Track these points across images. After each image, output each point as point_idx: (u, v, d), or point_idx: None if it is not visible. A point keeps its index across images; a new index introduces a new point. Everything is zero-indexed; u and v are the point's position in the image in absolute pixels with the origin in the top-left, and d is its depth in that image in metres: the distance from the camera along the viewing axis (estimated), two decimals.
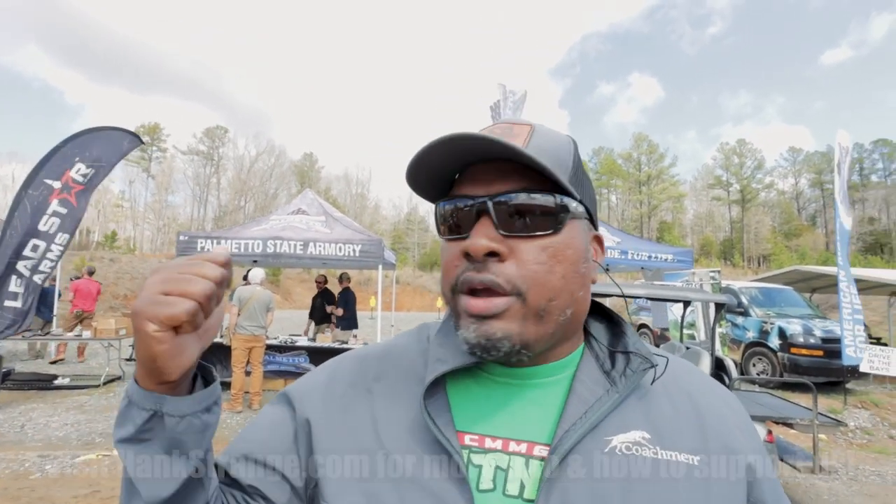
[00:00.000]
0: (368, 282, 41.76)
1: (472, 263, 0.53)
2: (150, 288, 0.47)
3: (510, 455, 0.54)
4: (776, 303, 10.38)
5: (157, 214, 59.13)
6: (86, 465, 4.40)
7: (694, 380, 0.63)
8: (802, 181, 66.82)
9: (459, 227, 0.55)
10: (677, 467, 0.53)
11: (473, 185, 0.55)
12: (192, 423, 0.51)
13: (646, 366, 0.57)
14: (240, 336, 6.43)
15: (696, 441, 0.56)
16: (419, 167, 0.55)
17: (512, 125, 0.58)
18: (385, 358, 0.66)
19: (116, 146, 6.69)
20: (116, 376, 8.10)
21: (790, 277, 13.21)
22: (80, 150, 6.27)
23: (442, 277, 0.58)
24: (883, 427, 6.94)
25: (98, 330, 7.93)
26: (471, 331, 0.52)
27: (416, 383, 0.59)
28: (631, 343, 0.61)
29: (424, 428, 0.55)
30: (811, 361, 8.58)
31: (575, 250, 0.55)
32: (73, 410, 6.23)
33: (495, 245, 0.51)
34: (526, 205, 0.53)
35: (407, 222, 69.51)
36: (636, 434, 0.54)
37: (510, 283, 0.51)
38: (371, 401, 0.60)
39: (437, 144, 0.52)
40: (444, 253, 0.58)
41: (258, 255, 7.16)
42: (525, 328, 0.52)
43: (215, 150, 64.24)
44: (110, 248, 36.86)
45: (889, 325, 13.28)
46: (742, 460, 0.56)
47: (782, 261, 41.78)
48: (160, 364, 0.47)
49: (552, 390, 0.58)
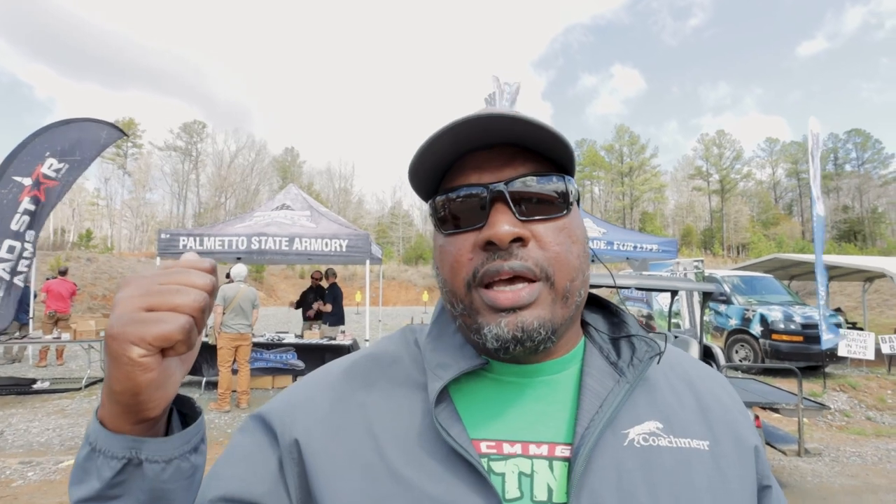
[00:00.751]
0: (353, 277, 41.53)
1: (494, 253, 0.50)
2: (127, 304, 0.40)
3: (532, 459, 0.51)
4: (757, 290, 10.60)
5: (134, 212, 57.83)
6: (69, 471, 4.28)
7: (689, 365, 0.63)
8: (779, 171, 68.21)
9: (468, 219, 0.53)
10: (693, 454, 0.53)
11: (479, 172, 0.53)
12: (181, 467, 0.45)
13: (651, 353, 0.56)
14: (226, 335, 6.34)
15: (701, 427, 0.55)
16: (424, 158, 0.53)
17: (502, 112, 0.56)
18: (373, 367, 0.60)
19: (93, 139, 6.45)
20: (98, 378, 7.92)
21: (770, 265, 13.50)
22: (51, 143, 6.03)
23: (447, 274, 0.54)
24: (860, 409, 7.15)
25: (78, 332, 7.75)
26: (502, 325, 0.50)
27: (415, 392, 0.56)
28: (633, 330, 0.60)
29: (436, 440, 0.51)
30: (791, 347, 8.79)
31: (582, 230, 0.57)
32: (55, 415, 6.08)
33: (519, 230, 0.50)
34: (540, 188, 0.53)
35: (391, 216, 69.16)
36: (650, 424, 0.53)
37: (539, 267, 0.50)
38: (365, 415, 0.55)
39: (444, 132, 0.50)
40: (448, 248, 0.55)
41: (242, 252, 7.04)
42: (554, 312, 0.51)
43: (193, 145, 63.00)
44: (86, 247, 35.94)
45: (864, 310, 13.67)
46: (749, 443, 0.57)
47: (760, 249, 42.61)
48: (143, 398, 0.40)
49: (562, 386, 0.56)
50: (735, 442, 0.56)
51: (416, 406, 0.55)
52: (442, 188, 0.56)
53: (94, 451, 0.42)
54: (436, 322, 0.62)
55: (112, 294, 24.54)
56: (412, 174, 0.55)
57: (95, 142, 6.45)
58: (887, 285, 18.49)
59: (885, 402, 7.28)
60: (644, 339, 0.58)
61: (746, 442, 0.57)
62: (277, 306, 34.19)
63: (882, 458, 5.12)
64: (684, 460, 0.52)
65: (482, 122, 0.50)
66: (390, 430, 0.53)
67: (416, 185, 0.58)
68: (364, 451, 0.52)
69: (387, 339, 0.66)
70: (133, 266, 29.54)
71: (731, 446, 0.55)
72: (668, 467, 0.51)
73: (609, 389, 0.54)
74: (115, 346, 0.39)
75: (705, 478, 0.51)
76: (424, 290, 38.47)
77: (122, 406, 0.41)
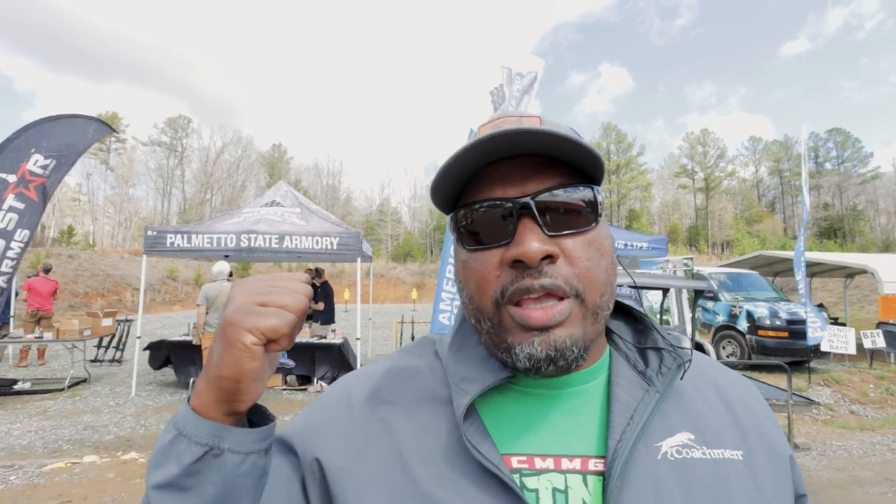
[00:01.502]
0: (341, 274, 41.30)
1: (523, 271, 0.49)
2: (244, 298, 0.45)
3: (566, 473, 0.50)
4: (743, 287, 10.75)
5: (117, 208, 56.79)
6: (54, 474, 4.19)
7: (718, 372, 0.62)
8: (762, 169, 69.33)
9: (493, 234, 0.51)
10: (728, 465, 0.51)
11: (503, 185, 0.51)
12: (256, 464, 0.46)
13: (680, 361, 0.55)
14: (210, 334, 6.26)
15: (734, 436, 0.54)
16: (449, 173, 0.52)
17: (520, 118, 0.54)
18: (394, 382, 0.58)
19: (80, 135, 6.28)
20: (82, 379, 7.76)
21: (755, 262, 13.71)
22: (37, 140, 5.87)
23: (473, 291, 0.53)
24: (844, 403, 7.29)
25: (61, 331, 7.57)
26: (535, 345, 0.48)
27: (439, 407, 0.54)
28: (660, 339, 0.58)
29: (465, 457, 0.49)
30: (777, 342, 8.93)
31: (610, 241, 0.55)
32: (37, 416, 5.94)
33: (549, 247, 0.49)
34: (568, 200, 0.51)
35: (379, 214, 68.89)
36: (682, 436, 0.52)
37: (568, 284, 0.49)
38: (389, 433, 0.53)
39: (473, 147, 0.49)
40: (472, 264, 0.53)
41: (231, 249, 6.93)
42: (585, 329, 0.50)
43: (178, 140, 62.06)
44: (67, 244, 35.23)
45: (845, 305, 13.94)
46: (784, 453, 0.56)
47: (744, 246, 43.28)
48: (243, 386, 0.44)
49: (589, 398, 0.55)
50: (769, 452, 0.55)
51: (442, 421, 0.53)
52: (463, 201, 0.54)
53: (180, 435, 0.44)
54: (457, 333, 0.60)
55: (96, 291, 24.08)
56: (435, 190, 0.54)
57: (83, 138, 6.28)
58: (867, 281, 18.87)
59: (868, 395, 7.43)
60: (670, 346, 0.57)
61: (781, 452, 0.56)
62: None
63: (867, 452, 5.22)
64: (720, 472, 0.50)
65: (513, 136, 0.48)
66: (416, 448, 0.52)
67: (440, 200, 0.56)
68: (389, 470, 0.51)
69: (405, 352, 0.64)
70: (116, 263, 29.02)
71: (766, 456, 0.54)
72: (704, 480, 0.49)
73: (639, 399, 0.53)
74: (232, 332, 0.43)
75: (742, 490, 0.50)
76: (413, 287, 38.38)
77: (222, 393, 0.44)
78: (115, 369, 8.98)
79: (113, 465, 4.41)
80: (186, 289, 30.40)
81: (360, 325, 7.70)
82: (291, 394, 7.24)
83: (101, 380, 8.02)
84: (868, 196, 58.96)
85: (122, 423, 5.70)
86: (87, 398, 6.85)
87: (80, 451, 4.77)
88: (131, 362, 8.07)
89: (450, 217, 0.56)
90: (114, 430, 5.49)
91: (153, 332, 14.69)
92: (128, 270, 28.17)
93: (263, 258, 8.41)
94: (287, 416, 6.10)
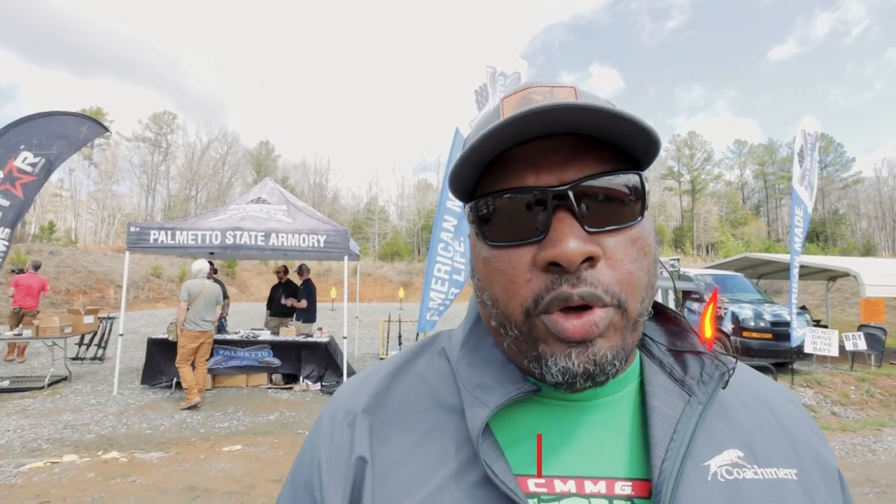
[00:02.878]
0: (328, 273, 41.03)
1: (560, 276, 0.42)
2: None
3: (589, 498, 0.43)
4: (728, 289, 10.86)
5: (100, 204, 55.80)
6: (32, 474, 4.08)
7: (757, 381, 0.56)
8: (747, 172, 70.33)
9: (522, 229, 0.44)
10: (783, 486, 0.45)
11: (535, 171, 0.43)
12: None
13: (723, 368, 0.48)
14: (189, 332, 6.20)
15: (787, 452, 0.48)
16: (471, 158, 0.44)
17: (552, 88, 0.46)
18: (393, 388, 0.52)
19: (72, 134, 6.10)
20: (62, 377, 7.60)
21: (740, 264, 13.88)
22: (26, 136, 5.70)
23: (500, 295, 0.45)
24: (826, 404, 7.40)
25: (41, 328, 7.39)
26: (572, 358, 0.42)
27: (445, 416, 0.48)
28: (700, 346, 0.51)
29: (475, 477, 0.43)
30: (761, 344, 9.04)
31: (653, 237, 0.47)
32: (15, 415, 5.79)
33: (591, 248, 0.41)
34: (613, 190, 0.43)
35: (367, 212, 68.62)
36: (731, 453, 0.45)
37: (609, 293, 0.42)
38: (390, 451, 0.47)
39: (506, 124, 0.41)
40: (497, 264, 0.45)
41: (216, 246, 6.83)
42: (626, 340, 0.44)
43: (163, 136, 61.20)
44: (49, 240, 34.52)
45: (827, 308, 14.18)
46: (832, 467, 0.49)
47: (729, 248, 43.80)
48: None
49: (618, 409, 0.48)
50: (819, 467, 0.48)
51: (448, 435, 0.46)
52: (485, 188, 0.47)
53: None
54: (471, 332, 0.53)
55: (78, 289, 23.64)
56: (454, 177, 0.46)
57: (75, 137, 6.10)
58: (848, 284, 19.24)
59: (849, 397, 7.55)
60: (713, 358, 0.50)
61: (829, 466, 0.49)
62: (250, 302, 33.55)
63: (848, 453, 5.30)
64: (775, 495, 0.44)
65: (551, 113, 0.40)
66: (419, 467, 0.45)
67: (458, 188, 0.49)
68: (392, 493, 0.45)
69: (408, 350, 0.57)
70: (98, 259, 28.52)
71: (818, 473, 0.48)
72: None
73: (680, 411, 0.46)
74: None
75: None
76: (400, 286, 38.29)
77: None
78: (96, 367, 8.80)
79: (93, 465, 4.31)
80: (171, 286, 29.97)
81: (346, 323, 7.65)
82: (277, 392, 7.16)
83: (83, 378, 7.85)
84: (850, 200, 60.13)
85: (103, 422, 5.59)
86: (68, 396, 6.70)
87: (59, 451, 4.66)
88: (113, 360, 7.92)
89: (468, 207, 0.48)
90: (95, 428, 5.38)
91: (136, 329, 14.46)
92: (111, 267, 27.70)
93: (249, 255, 8.32)
94: (272, 414, 6.04)
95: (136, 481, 3.98)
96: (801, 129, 8.80)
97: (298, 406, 6.49)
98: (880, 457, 5.19)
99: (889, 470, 4.79)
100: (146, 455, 4.58)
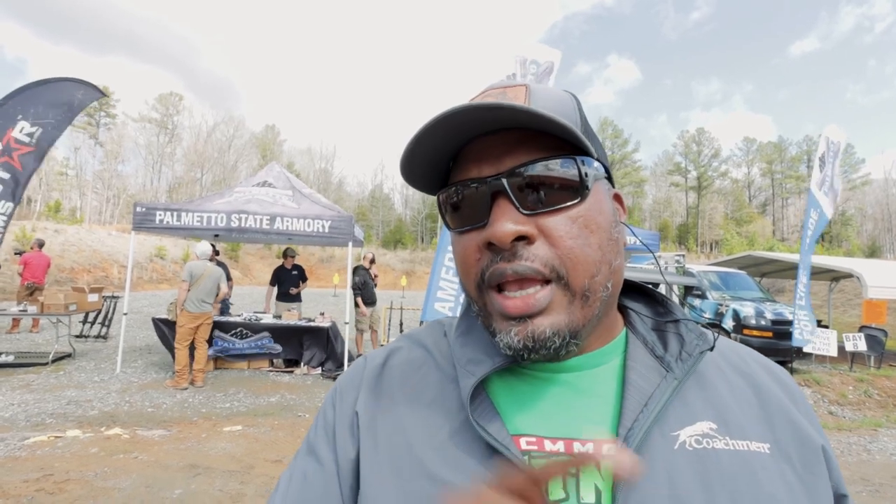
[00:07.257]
0: (331, 259, 41.15)
1: (497, 253, 0.46)
2: None
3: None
4: (731, 286, 10.85)
5: (105, 184, 55.87)
6: (36, 448, 4.15)
7: (748, 357, 0.58)
8: (754, 170, 69.76)
9: (471, 216, 0.49)
10: (753, 457, 0.47)
11: (479, 164, 0.49)
12: None
13: (703, 347, 0.52)
14: (189, 313, 6.25)
15: (761, 426, 0.50)
16: (414, 156, 0.49)
17: (504, 89, 0.51)
18: (402, 357, 0.59)
19: (68, 99, 6.04)
20: (66, 354, 7.69)
21: (743, 262, 13.83)
22: (23, 106, 5.65)
23: (461, 275, 0.52)
24: (823, 404, 7.42)
25: (45, 305, 7.46)
26: (512, 335, 0.46)
27: (447, 387, 0.53)
28: (682, 322, 0.55)
29: (472, 438, 0.48)
30: (762, 342, 9.04)
31: (605, 215, 0.50)
32: (20, 389, 5.87)
33: (523, 227, 0.45)
34: (546, 175, 0.47)
35: (371, 199, 68.56)
36: (703, 425, 0.48)
37: (548, 267, 0.45)
38: (396, 415, 0.53)
39: (431, 126, 0.46)
40: (457, 247, 0.52)
41: (221, 229, 6.85)
42: (572, 316, 0.47)
43: (169, 118, 61.05)
44: (54, 218, 34.67)
45: (829, 308, 14.14)
46: (815, 443, 0.51)
47: (733, 246, 43.67)
48: None
49: (603, 381, 0.52)
50: (798, 443, 0.50)
51: (450, 403, 0.52)
52: (451, 180, 0.52)
53: None
54: (464, 317, 0.59)
55: (81, 267, 23.77)
56: (405, 175, 0.52)
57: (70, 102, 6.02)
58: (851, 285, 19.17)
59: (847, 397, 7.57)
60: (693, 330, 0.54)
61: (811, 443, 0.50)
62: (253, 286, 33.69)
63: (844, 452, 5.33)
64: (744, 465, 0.46)
65: (469, 113, 0.45)
66: (424, 430, 0.51)
67: (414, 183, 0.54)
68: (397, 453, 0.50)
69: (415, 332, 0.63)
70: (103, 239, 28.62)
71: (794, 448, 0.49)
72: (726, 473, 0.46)
73: (655, 386, 0.49)
74: None
75: (769, 485, 0.46)
76: (403, 274, 38.34)
77: None
78: (100, 345, 8.89)
79: (96, 440, 4.38)
80: (174, 267, 30.10)
81: (349, 309, 7.69)
82: (278, 375, 7.22)
83: (86, 355, 7.94)
84: (857, 202, 59.66)
85: (106, 399, 5.66)
86: (72, 373, 6.78)
87: (63, 426, 4.74)
88: (117, 339, 8.00)
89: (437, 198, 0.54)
90: (98, 405, 5.45)
91: (140, 308, 14.56)
92: (115, 247, 27.81)
93: (254, 239, 8.33)
94: (273, 396, 6.10)
95: (138, 457, 4.04)
96: (824, 136, 8.68)
97: (299, 389, 6.55)
98: (875, 456, 5.22)
99: (883, 469, 4.82)
100: (148, 432, 4.65)
